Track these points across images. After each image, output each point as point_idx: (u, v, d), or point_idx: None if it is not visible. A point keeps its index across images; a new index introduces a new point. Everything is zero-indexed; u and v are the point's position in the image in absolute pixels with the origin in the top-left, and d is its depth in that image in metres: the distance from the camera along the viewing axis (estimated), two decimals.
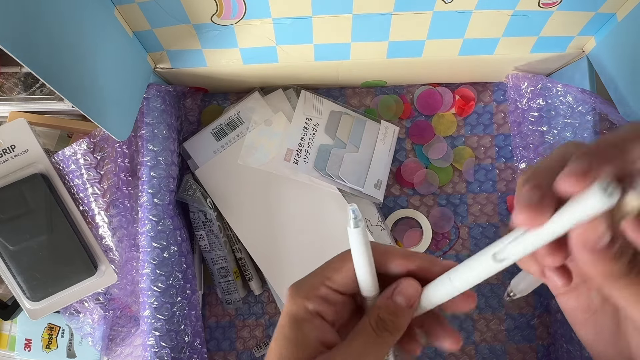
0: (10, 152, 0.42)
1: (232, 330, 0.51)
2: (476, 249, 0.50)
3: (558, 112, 0.43)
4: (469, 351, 0.50)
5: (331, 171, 0.48)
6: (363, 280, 0.26)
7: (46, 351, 0.51)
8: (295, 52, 0.41)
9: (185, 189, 0.46)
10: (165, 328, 0.43)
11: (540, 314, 0.50)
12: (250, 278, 0.50)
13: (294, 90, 0.50)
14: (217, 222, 0.48)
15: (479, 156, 0.51)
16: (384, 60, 0.43)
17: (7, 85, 0.46)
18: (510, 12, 0.38)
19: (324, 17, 0.38)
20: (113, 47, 0.36)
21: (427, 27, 0.39)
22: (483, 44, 0.41)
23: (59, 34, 0.29)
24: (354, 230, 0.24)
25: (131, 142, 0.44)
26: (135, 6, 0.36)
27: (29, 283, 0.42)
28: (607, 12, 0.37)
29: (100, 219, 0.44)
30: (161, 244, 0.43)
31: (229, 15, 0.38)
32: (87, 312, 0.46)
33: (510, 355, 0.50)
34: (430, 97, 0.51)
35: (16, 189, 0.41)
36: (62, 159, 0.43)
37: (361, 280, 0.26)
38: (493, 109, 0.51)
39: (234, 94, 0.52)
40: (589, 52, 0.42)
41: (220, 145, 0.49)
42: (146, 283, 0.43)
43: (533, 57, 0.43)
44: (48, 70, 0.28)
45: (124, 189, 0.44)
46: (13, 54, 0.25)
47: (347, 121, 0.50)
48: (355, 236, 0.24)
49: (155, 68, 0.44)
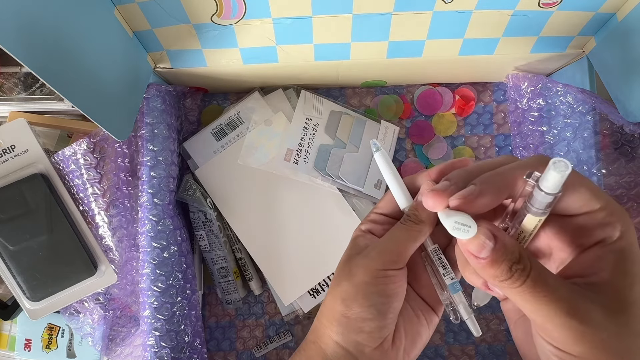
0: (10, 152, 0.42)
1: (232, 330, 0.51)
2: None
3: (558, 112, 0.43)
4: (469, 351, 0.50)
5: (331, 171, 0.48)
6: (396, 193, 0.30)
7: (46, 351, 0.50)
8: (295, 52, 0.41)
9: (185, 189, 0.46)
10: (165, 328, 0.43)
11: None
12: (250, 278, 0.50)
13: (294, 90, 0.50)
14: (217, 222, 0.48)
15: (479, 156, 0.51)
16: (384, 60, 0.43)
17: (7, 85, 0.46)
18: (510, 12, 0.38)
19: (324, 17, 0.38)
20: (113, 47, 0.36)
21: (427, 27, 0.39)
22: (483, 44, 0.41)
23: (59, 34, 0.29)
24: (377, 153, 0.31)
25: (131, 142, 0.44)
26: (135, 6, 0.36)
27: (29, 283, 0.42)
28: (607, 12, 0.37)
29: (100, 219, 0.44)
30: (161, 244, 0.43)
31: (229, 15, 0.38)
32: (87, 312, 0.46)
33: (510, 355, 0.50)
34: (430, 97, 0.51)
35: (16, 189, 0.41)
36: (62, 159, 0.43)
37: (395, 194, 0.30)
38: (493, 109, 0.51)
39: (234, 94, 0.52)
40: (589, 52, 0.42)
41: (220, 145, 0.49)
42: (146, 283, 0.43)
43: (533, 57, 0.43)
44: (48, 70, 0.28)
45: (124, 189, 0.44)
46: (13, 54, 0.25)
47: (347, 121, 0.50)
48: (379, 158, 0.31)
49: (155, 68, 0.44)
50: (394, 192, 0.31)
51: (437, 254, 0.30)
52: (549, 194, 0.22)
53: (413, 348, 0.31)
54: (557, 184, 0.22)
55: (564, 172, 0.21)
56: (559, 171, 0.21)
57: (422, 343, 0.32)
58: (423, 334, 0.32)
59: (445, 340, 0.51)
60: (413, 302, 0.32)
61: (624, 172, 0.45)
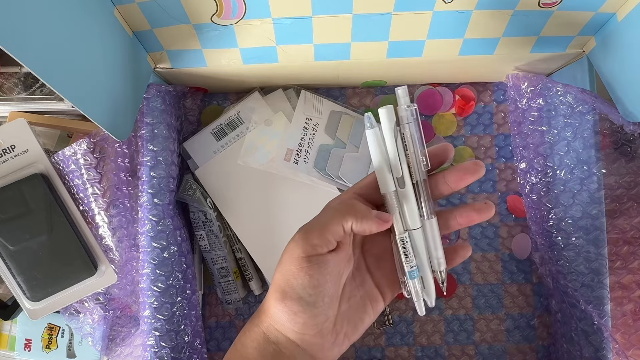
0: (10, 152, 0.42)
1: (232, 330, 0.51)
2: (476, 249, 0.50)
3: (558, 112, 0.43)
4: (469, 351, 0.50)
5: (331, 171, 0.48)
6: (380, 175, 0.31)
7: (46, 351, 0.51)
8: (295, 52, 0.41)
9: (185, 189, 0.46)
10: (165, 328, 0.43)
11: (540, 314, 0.50)
12: (250, 278, 0.50)
13: (294, 90, 0.50)
14: (217, 222, 0.48)
15: (479, 156, 0.51)
16: (384, 60, 0.43)
17: (7, 85, 0.46)
18: (510, 12, 0.38)
19: (324, 17, 0.38)
20: (113, 47, 0.36)
21: (427, 27, 0.39)
22: (483, 44, 0.41)
23: (59, 34, 0.29)
24: (369, 130, 0.30)
25: (131, 142, 0.44)
26: (135, 6, 0.36)
27: (29, 283, 0.42)
28: (607, 12, 0.37)
29: (100, 219, 0.44)
30: (161, 244, 0.43)
31: (229, 15, 0.38)
32: (87, 312, 0.46)
33: (510, 355, 0.50)
34: (430, 97, 0.51)
35: (16, 189, 0.41)
36: (62, 159, 0.43)
37: (379, 176, 0.31)
38: (493, 109, 0.51)
39: (234, 94, 0.52)
40: (589, 52, 0.42)
41: (220, 145, 0.49)
42: (146, 283, 0.43)
43: (533, 57, 0.43)
44: (48, 70, 0.28)
45: (124, 189, 0.44)
46: (13, 54, 0.25)
47: (347, 121, 0.50)
48: (370, 135, 0.30)
49: (155, 68, 0.44)
50: (379, 173, 0.31)
51: (403, 244, 0.31)
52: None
53: (354, 332, 0.32)
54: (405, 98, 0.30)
55: (404, 89, 0.30)
56: (402, 90, 0.30)
57: (364, 327, 0.33)
58: (366, 320, 0.33)
59: (445, 340, 0.51)
60: (363, 289, 0.33)
61: (624, 172, 0.45)
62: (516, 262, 0.50)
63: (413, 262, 0.31)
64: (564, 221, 0.43)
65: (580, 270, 0.42)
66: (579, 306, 0.42)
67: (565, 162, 0.43)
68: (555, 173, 0.43)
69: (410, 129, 0.30)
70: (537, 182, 0.45)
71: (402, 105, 0.30)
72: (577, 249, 0.42)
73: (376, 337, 0.51)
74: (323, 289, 0.29)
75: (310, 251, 0.29)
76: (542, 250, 0.46)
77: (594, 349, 0.42)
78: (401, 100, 0.30)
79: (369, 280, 0.34)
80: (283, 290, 0.29)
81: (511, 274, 0.50)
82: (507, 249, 0.51)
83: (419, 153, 0.31)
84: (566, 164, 0.43)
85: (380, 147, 0.31)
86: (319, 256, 0.29)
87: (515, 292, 0.50)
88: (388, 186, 0.31)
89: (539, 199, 0.45)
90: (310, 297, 0.29)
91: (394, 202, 0.31)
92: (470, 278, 0.50)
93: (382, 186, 0.31)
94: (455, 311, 0.51)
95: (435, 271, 0.33)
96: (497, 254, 0.50)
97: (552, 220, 0.44)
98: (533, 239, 0.48)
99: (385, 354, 0.51)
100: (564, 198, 0.43)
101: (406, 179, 0.31)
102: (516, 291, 0.50)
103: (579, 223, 0.42)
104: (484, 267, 0.50)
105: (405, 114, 0.30)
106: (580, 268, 0.42)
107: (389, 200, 0.31)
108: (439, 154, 0.32)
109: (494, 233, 0.51)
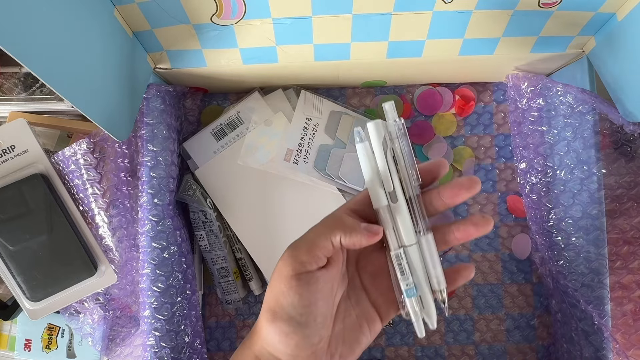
0: (10, 152, 0.42)
1: (232, 330, 0.51)
2: (476, 249, 0.50)
3: (558, 112, 0.43)
4: (469, 351, 0.50)
5: (331, 171, 0.48)
6: (372, 190, 0.31)
7: (46, 351, 0.51)
8: (295, 52, 0.41)
9: (185, 189, 0.46)
10: (165, 328, 0.43)
11: (540, 314, 0.50)
12: (250, 278, 0.50)
13: (294, 90, 0.50)
14: (217, 222, 0.48)
15: (479, 156, 0.51)
16: (384, 60, 0.43)
17: (7, 85, 0.46)
18: (510, 12, 0.38)
19: (324, 17, 0.38)
20: (113, 47, 0.36)
21: (427, 27, 0.39)
22: (483, 44, 0.41)
23: (59, 34, 0.29)
24: (359, 145, 0.30)
25: (131, 142, 0.44)
26: (135, 6, 0.36)
27: (29, 283, 0.42)
28: (607, 12, 0.37)
29: (100, 219, 0.44)
30: (161, 244, 0.43)
31: (229, 15, 0.38)
32: (87, 312, 0.46)
33: (510, 355, 0.50)
34: (430, 97, 0.51)
35: (16, 189, 0.41)
36: (62, 159, 0.43)
37: (371, 190, 0.31)
38: (493, 109, 0.51)
39: (234, 94, 0.52)
40: (589, 52, 0.42)
41: (220, 146, 0.49)
42: (146, 283, 0.43)
43: (533, 57, 0.43)
44: (48, 70, 0.28)
45: (123, 189, 0.44)
46: (13, 54, 0.25)
47: (347, 121, 0.50)
48: (360, 149, 0.30)
49: (155, 68, 0.44)
50: (370, 187, 0.31)
51: (398, 260, 0.30)
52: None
53: (350, 353, 0.31)
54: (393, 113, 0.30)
55: (391, 104, 0.30)
56: (389, 105, 0.30)
57: (360, 348, 0.31)
58: (362, 340, 0.31)
59: (445, 340, 0.51)
60: (359, 308, 0.32)
61: (624, 172, 0.45)
62: (516, 262, 0.50)
63: (410, 279, 0.30)
64: (564, 221, 0.43)
65: (580, 270, 0.42)
66: (579, 306, 0.42)
67: (565, 162, 0.43)
68: (555, 173, 0.43)
69: (400, 143, 0.30)
70: (537, 182, 0.45)
71: (390, 120, 0.30)
72: (577, 249, 0.42)
73: (376, 337, 0.51)
74: (314, 308, 0.28)
75: (299, 269, 0.28)
76: (542, 250, 0.46)
77: (594, 349, 0.42)
78: (388, 115, 0.30)
79: (364, 299, 0.32)
80: (273, 310, 0.28)
81: (511, 274, 0.50)
82: (507, 249, 0.51)
83: (409, 167, 0.30)
84: (566, 164, 0.43)
85: (371, 161, 0.30)
86: (308, 273, 0.28)
87: (515, 292, 0.50)
88: (380, 200, 0.30)
89: (539, 199, 0.45)
90: (301, 316, 0.28)
91: (387, 217, 0.30)
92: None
93: (374, 201, 0.30)
94: (455, 311, 0.51)
95: (435, 291, 0.31)
96: (497, 254, 0.50)
97: (552, 220, 0.44)
98: (533, 239, 0.48)
99: (385, 354, 0.51)
100: (564, 198, 0.43)
101: (398, 193, 0.30)
102: (516, 291, 0.50)
103: (579, 223, 0.42)
104: (484, 267, 0.50)
105: (394, 129, 0.30)
106: (580, 268, 0.42)
107: (382, 215, 0.30)
108: (433, 170, 0.31)
109: (494, 233, 0.51)
